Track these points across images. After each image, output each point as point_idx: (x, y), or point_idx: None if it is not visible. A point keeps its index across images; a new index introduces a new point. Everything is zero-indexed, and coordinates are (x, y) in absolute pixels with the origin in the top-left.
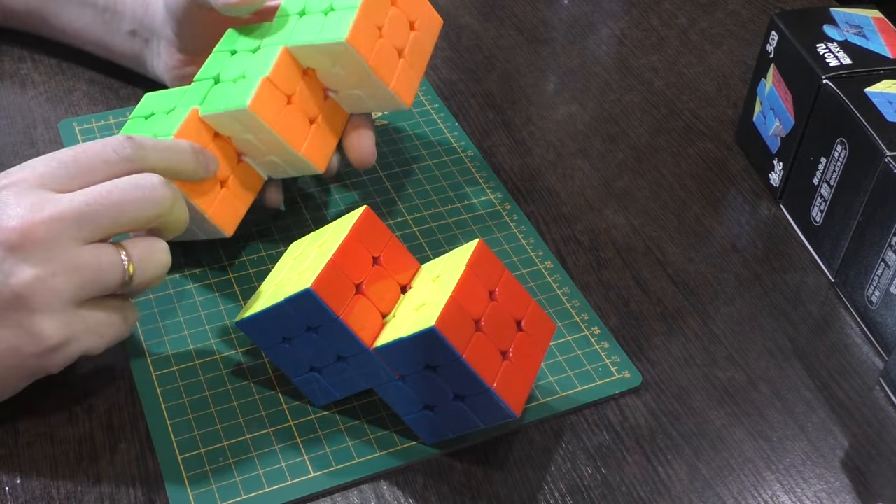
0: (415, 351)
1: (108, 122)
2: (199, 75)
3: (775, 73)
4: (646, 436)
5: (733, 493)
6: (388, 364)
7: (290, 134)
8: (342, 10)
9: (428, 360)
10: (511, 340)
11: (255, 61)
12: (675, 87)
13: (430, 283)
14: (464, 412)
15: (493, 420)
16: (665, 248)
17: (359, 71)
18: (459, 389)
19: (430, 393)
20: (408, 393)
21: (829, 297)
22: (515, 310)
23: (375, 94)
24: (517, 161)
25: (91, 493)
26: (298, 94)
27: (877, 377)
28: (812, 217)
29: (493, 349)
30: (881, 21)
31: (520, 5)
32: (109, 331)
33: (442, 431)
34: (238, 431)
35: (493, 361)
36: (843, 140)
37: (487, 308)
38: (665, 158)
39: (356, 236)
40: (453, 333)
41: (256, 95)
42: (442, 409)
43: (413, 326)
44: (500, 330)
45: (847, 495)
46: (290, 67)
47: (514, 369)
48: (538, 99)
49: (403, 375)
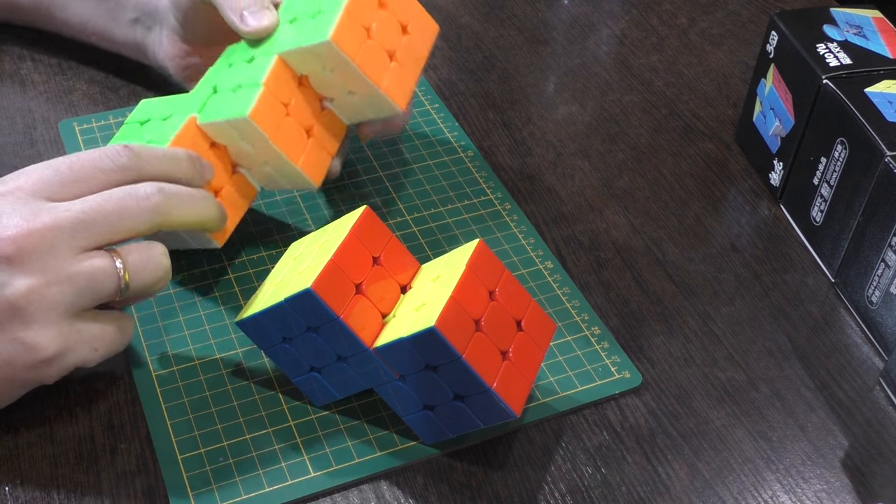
0: (415, 351)
1: (108, 122)
2: (197, 86)
3: (775, 73)
4: (646, 436)
5: (733, 493)
6: (388, 364)
7: (287, 145)
8: (328, 12)
9: (428, 360)
10: (511, 340)
11: (251, 70)
12: (675, 87)
13: (430, 283)
14: (464, 412)
15: (493, 420)
16: (665, 248)
17: (347, 72)
18: (459, 389)
19: (430, 393)
20: (408, 393)
21: (829, 297)
22: (515, 310)
23: (369, 99)
24: (517, 161)
25: (91, 493)
26: (295, 104)
27: (877, 377)
28: (812, 217)
29: (494, 349)
30: (881, 21)
31: (520, 5)
32: (104, 343)
33: (441, 431)
34: (238, 431)
35: (493, 361)
36: (843, 140)
37: (487, 308)
38: (665, 158)
39: (356, 236)
40: (453, 333)
41: (256, 105)
42: (442, 409)
43: (413, 326)
44: (500, 330)
45: (847, 495)
46: (285, 75)
47: (515, 369)
48: (538, 99)
49: (403, 375)
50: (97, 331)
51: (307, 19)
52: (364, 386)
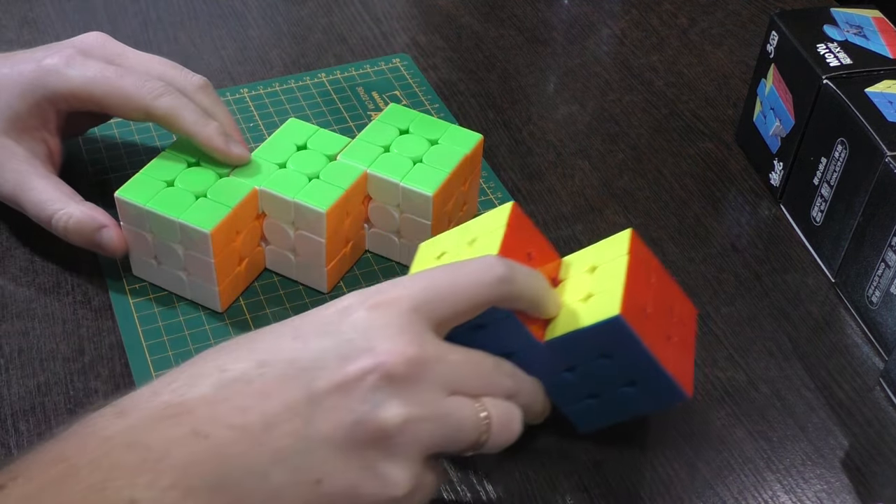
0: (591, 341)
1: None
2: (261, 154)
3: (775, 73)
4: (646, 435)
5: (733, 493)
6: (559, 356)
7: (331, 246)
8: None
9: (604, 348)
10: (670, 324)
11: (334, 171)
12: (675, 87)
13: (587, 274)
14: (632, 398)
15: (662, 404)
16: (665, 248)
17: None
18: (633, 375)
19: (598, 381)
20: (573, 383)
21: (829, 297)
22: (668, 296)
23: (408, 244)
24: (517, 161)
25: None
26: (351, 216)
27: (877, 377)
28: (812, 217)
29: (661, 333)
30: (881, 21)
31: (520, 5)
32: (430, 493)
33: (600, 419)
34: None
35: (662, 345)
36: (844, 140)
37: (650, 294)
38: (665, 158)
39: (511, 232)
40: (632, 321)
41: (336, 204)
42: (607, 396)
43: (589, 317)
44: (662, 315)
45: (847, 495)
46: (362, 190)
47: (678, 352)
48: (538, 99)
49: (572, 366)
50: (435, 480)
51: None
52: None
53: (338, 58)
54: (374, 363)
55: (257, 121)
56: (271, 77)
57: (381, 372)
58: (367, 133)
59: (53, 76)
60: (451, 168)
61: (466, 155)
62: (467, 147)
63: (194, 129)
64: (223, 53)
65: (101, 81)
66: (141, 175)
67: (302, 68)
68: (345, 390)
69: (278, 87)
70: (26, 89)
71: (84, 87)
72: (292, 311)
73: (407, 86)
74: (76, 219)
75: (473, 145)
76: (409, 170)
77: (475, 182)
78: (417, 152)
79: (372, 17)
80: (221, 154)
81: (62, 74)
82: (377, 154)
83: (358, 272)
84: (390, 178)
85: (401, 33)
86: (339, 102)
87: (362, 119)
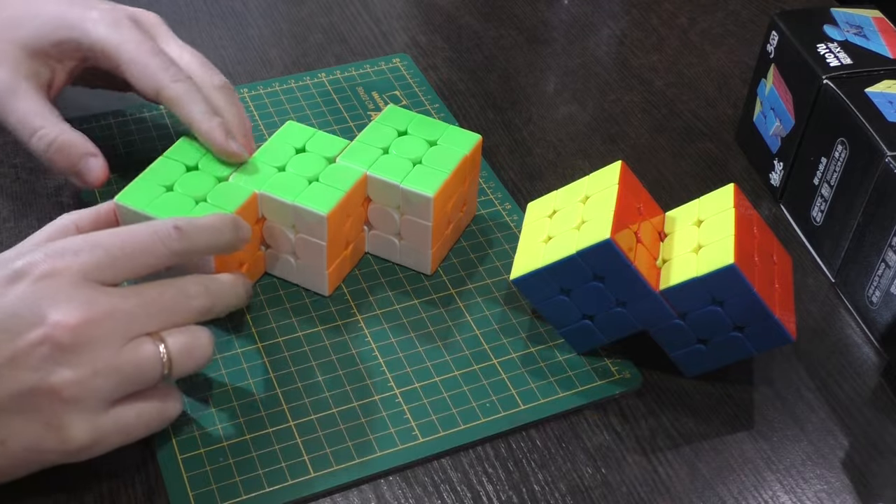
0: (705, 289)
1: (108, 122)
2: (259, 157)
3: (775, 73)
4: (646, 436)
5: (733, 493)
6: (673, 304)
7: (332, 249)
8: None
9: (716, 295)
10: (773, 272)
11: (333, 173)
12: (675, 87)
13: (694, 227)
14: (740, 342)
15: (768, 346)
16: None
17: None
18: (742, 320)
19: (708, 327)
20: (684, 330)
21: (829, 297)
22: (769, 246)
23: (409, 246)
24: (517, 161)
25: (91, 493)
26: (352, 218)
27: (877, 377)
28: (812, 217)
29: (768, 280)
30: (881, 21)
31: (520, 5)
32: (139, 429)
33: (707, 364)
34: (238, 431)
35: (769, 291)
36: (844, 140)
37: (755, 244)
38: (665, 158)
39: (623, 189)
40: (744, 269)
41: (337, 207)
42: (716, 341)
43: (703, 267)
44: (766, 263)
45: (847, 495)
46: (362, 192)
47: (782, 297)
48: (538, 99)
49: (683, 313)
50: (132, 418)
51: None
52: (637, 328)
53: (338, 58)
54: (42, 335)
55: (257, 121)
56: (271, 77)
57: (51, 343)
58: (366, 135)
59: (92, 26)
60: (451, 169)
61: (466, 155)
62: (466, 147)
63: (198, 118)
64: (223, 53)
65: (132, 49)
66: (140, 180)
67: (302, 68)
68: (16, 363)
69: (278, 87)
70: (65, 23)
71: (115, 47)
72: (292, 311)
73: (407, 86)
74: (65, 139)
75: (472, 146)
76: (409, 171)
77: (475, 182)
78: (417, 153)
79: (372, 16)
80: (218, 149)
81: (101, 29)
82: (377, 156)
83: (358, 272)
84: (390, 179)
85: (401, 33)
86: (339, 102)
87: (362, 119)
